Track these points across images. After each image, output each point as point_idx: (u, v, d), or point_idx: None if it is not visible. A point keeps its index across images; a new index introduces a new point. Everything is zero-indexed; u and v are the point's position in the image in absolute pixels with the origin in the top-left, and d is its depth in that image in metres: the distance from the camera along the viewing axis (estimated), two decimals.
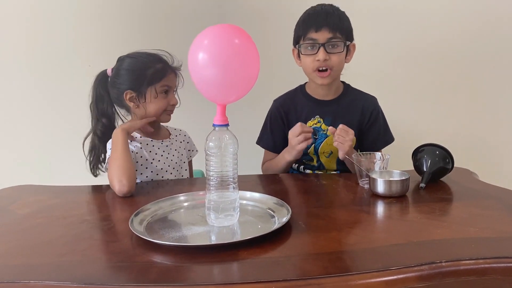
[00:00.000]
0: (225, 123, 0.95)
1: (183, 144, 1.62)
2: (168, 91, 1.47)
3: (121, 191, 1.24)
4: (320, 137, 1.57)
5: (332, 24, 1.45)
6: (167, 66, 1.46)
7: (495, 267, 0.76)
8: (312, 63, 1.49)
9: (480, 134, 2.30)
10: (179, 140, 1.60)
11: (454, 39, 2.20)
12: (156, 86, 1.43)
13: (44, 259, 0.84)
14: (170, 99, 1.47)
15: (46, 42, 2.09)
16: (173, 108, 1.50)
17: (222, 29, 0.93)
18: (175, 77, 1.49)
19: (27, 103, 2.13)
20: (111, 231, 0.99)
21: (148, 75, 1.42)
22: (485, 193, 1.18)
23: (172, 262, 0.81)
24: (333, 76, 1.52)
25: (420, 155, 1.32)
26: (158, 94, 1.44)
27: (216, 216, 0.97)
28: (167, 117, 1.51)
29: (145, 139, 1.50)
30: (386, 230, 0.96)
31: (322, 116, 1.59)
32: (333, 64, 1.48)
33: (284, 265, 0.77)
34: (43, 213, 1.12)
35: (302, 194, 1.28)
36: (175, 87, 1.50)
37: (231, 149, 0.96)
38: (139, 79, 1.43)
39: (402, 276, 0.73)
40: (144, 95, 1.44)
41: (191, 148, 1.67)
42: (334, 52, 1.47)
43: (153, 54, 1.48)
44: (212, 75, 0.91)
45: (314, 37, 1.47)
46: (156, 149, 1.50)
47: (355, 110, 1.59)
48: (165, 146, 1.53)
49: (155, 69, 1.43)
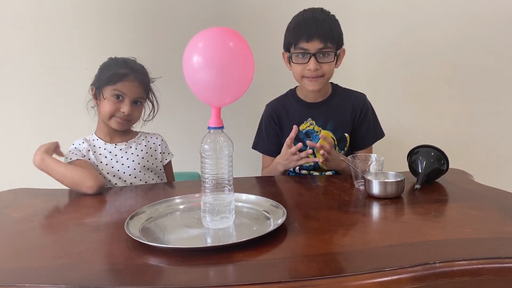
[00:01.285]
0: (220, 126, 0.95)
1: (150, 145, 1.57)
2: (121, 97, 1.45)
3: (94, 191, 1.29)
4: (314, 139, 1.58)
5: (323, 35, 1.46)
6: (130, 73, 1.46)
7: (489, 267, 0.76)
8: (302, 71, 1.51)
9: (475, 135, 2.31)
10: (142, 142, 1.56)
11: (448, 40, 2.21)
12: (108, 87, 1.45)
13: (39, 262, 0.84)
14: (121, 106, 1.46)
15: (44, 45, 2.09)
16: (124, 116, 1.46)
17: (216, 32, 0.93)
18: (137, 86, 1.47)
19: (23, 105, 2.13)
20: (106, 234, 0.99)
21: (107, 76, 1.45)
22: (480, 194, 1.19)
23: (167, 265, 0.81)
24: (324, 82, 1.54)
25: (415, 157, 1.32)
26: (108, 96, 1.45)
27: (211, 218, 0.97)
28: (116, 124, 1.48)
29: (100, 142, 1.51)
30: (381, 231, 0.96)
31: (314, 118, 1.60)
32: (324, 73, 1.51)
33: (279, 267, 0.78)
34: (38, 216, 1.12)
35: (297, 196, 1.29)
36: (133, 97, 1.47)
37: (226, 152, 0.96)
38: (100, 77, 1.48)
39: (396, 277, 0.73)
40: (100, 94, 1.47)
41: (164, 151, 1.61)
42: (325, 62, 1.49)
43: (125, 59, 1.51)
44: (206, 78, 0.92)
45: (305, 47, 1.48)
46: (107, 153, 1.50)
47: (345, 109, 1.62)
48: (119, 150, 1.52)
49: (115, 72, 1.45)
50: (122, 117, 1.47)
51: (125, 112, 1.45)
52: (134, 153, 1.53)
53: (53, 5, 2.06)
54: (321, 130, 1.59)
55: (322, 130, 1.59)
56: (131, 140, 1.55)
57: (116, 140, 1.54)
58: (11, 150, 2.15)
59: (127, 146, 1.53)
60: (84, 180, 1.29)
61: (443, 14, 2.19)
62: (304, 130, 1.60)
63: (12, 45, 2.08)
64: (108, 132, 1.53)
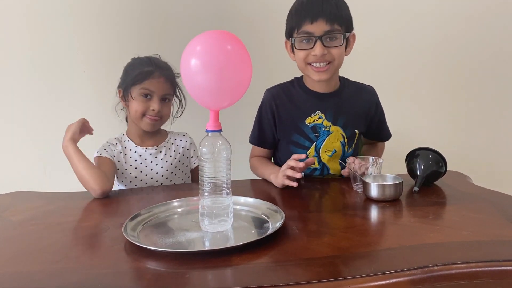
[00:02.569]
0: (218, 129, 0.95)
1: (181, 150, 1.58)
2: (150, 95, 1.46)
3: (97, 195, 1.29)
4: (322, 135, 1.46)
5: (329, 14, 1.29)
6: (155, 70, 1.46)
7: (487, 270, 0.76)
8: (307, 57, 1.35)
9: (473, 137, 2.31)
10: (172, 146, 1.57)
11: (451, 42, 2.22)
12: (136, 87, 1.44)
13: (37, 266, 0.83)
14: (150, 104, 1.45)
15: (42, 48, 2.09)
16: (155, 114, 1.46)
17: (214, 35, 0.93)
18: (164, 83, 1.47)
19: (22, 108, 2.12)
20: (104, 237, 0.99)
21: (133, 76, 1.44)
22: (478, 197, 1.19)
23: (165, 268, 0.80)
24: (333, 71, 1.38)
25: (413, 159, 1.32)
26: (136, 96, 1.44)
27: (209, 221, 0.97)
28: (147, 124, 1.48)
29: (131, 144, 1.51)
30: (379, 234, 0.96)
31: (324, 111, 1.45)
32: (333, 58, 1.34)
33: (277, 270, 0.77)
34: (37, 220, 1.11)
35: (295, 199, 1.28)
36: (161, 94, 1.47)
37: (224, 155, 0.96)
38: (126, 79, 1.47)
39: (394, 281, 0.73)
40: (128, 95, 1.46)
41: (193, 154, 1.63)
42: (333, 46, 1.33)
43: (149, 57, 1.50)
44: (204, 81, 0.91)
45: (310, 30, 1.31)
46: (137, 156, 1.50)
47: (357, 103, 1.49)
48: (149, 154, 1.51)
49: (140, 71, 1.44)
50: (153, 115, 1.46)
51: (155, 109, 1.45)
52: (164, 159, 1.53)
53: (51, 7, 2.06)
54: (330, 126, 1.45)
55: (332, 126, 1.45)
56: (161, 144, 1.55)
57: (147, 144, 1.53)
58: (8, 152, 2.14)
59: (157, 150, 1.53)
60: (90, 181, 1.29)
61: (442, 15, 2.20)
62: (311, 124, 1.45)
63: (9, 47, 2.07)
64: (138, 134, 1.53)
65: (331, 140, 1.47)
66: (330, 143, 1.47)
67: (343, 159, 1.45)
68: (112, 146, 1.48)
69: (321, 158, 1.48)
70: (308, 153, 1.47)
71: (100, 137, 1.51)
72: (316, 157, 1.47)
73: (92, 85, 2.06)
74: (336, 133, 1.46)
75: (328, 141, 1.46)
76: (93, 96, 2.06)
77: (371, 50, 2.20)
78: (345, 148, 1.49)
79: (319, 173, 1.50)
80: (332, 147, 1.47)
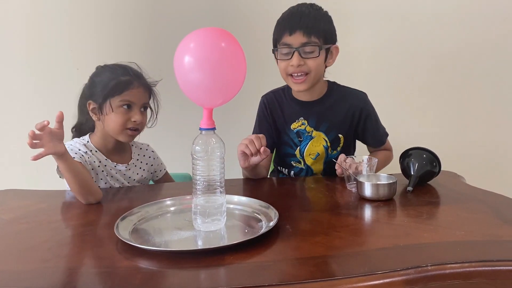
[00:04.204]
0: (212, 127, 0.95)
1: (146, 167, 1.54)
2: (130, 106, 1.38)
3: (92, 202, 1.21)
4: (305, 139, 1.53)
5: (306, 27, 1.36)
6: (134, 80, 1.38)
7: (480, 270, 0.76)
8: (286, 68, 1.41)
9: (467, 137, 2.32)
10: (139, 164, 1.52)
11: (445, 43, 2.22)
12: (115, 99, 1.35)
13: (27, 265, 0.82)
14: (131, 115, 1.37)
15: (35, 45, 2.07)
16: (136, 125, 1.39)
17: (208, 32, 0.93)
18: (143, 92, 1.40)
19: (12, 105, 2.11)
20: (96, 236, 0.98)
21: (109, 87, 1.35)
22: (472, 197, 1.19)
23: (157, 268, 0.80)
24: (310, 82, 1.43)
25: (407, 159, 1.32)
26: (116, 108, 1.35)
27: (202, 220, 0.96)
28: (126, 137, 1.40)
29: (100, 156, 1.41)
30: (373, 234, 0.96)
31: (306, 118, 1.52)
32: (310, 69, 1.40)
33: (271, 269, 0.77)
34: (28, 218, 1.10)
35: (289, 198, 1.28)
36: (141, 104, 1.40)
37: (218, 153, 0.95)
38: (100, 90, 1.37)
39: (388, 280, 0.73)
40: (104, 108, 1.36)
41: (156, 168, 1.59)
42: (309, 57, 1.39)
43: (124, 66, 1.41)
44: (198, 79, 0.91)
45: (288, 42, 1.38)
46: (113, 172, 1.43)
47: (341, 109, 1.52)
48: (118, 170, 1.45)
49: (118, 81, 1.36)
50: (133, 127, 1.39)
51: (137, 120, 1.37)
52: (132, 177, 1.48)
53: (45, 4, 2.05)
54: (313, 131, 1.52)
55: (314, 131, 1.52)
56: (131, 162, 1.49)
57: (116, 159, 1.45)
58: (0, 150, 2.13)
59: (126, 168, 1.46)
60: (84, 198, 1.20)
61: (435, 17, 2.20)
62: (295, 129, 1.53)
63: (2, 44, 2.06)
64: (108, 148, 1.44)
65: (314, 144, 1.53)
66: (313, 147, 1.53)
67: (327, 160, 1.54)
68: (82, 152, 1.37)
69: (305, 161, 1.55)
70: (295, 153, 1.55)
71: None
72: (301, 159, 1.55)
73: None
74: (319, 138, 1.53)
75: (311, 145, 1.53)
76: None
77: (365, 52, 2.21)
78: (329, 151, 1.54)
79: (304, 172, 1.57)
80: (315, 150, 1.53)
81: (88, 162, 1.36)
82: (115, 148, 1.45)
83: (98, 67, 1.44)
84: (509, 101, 2.29)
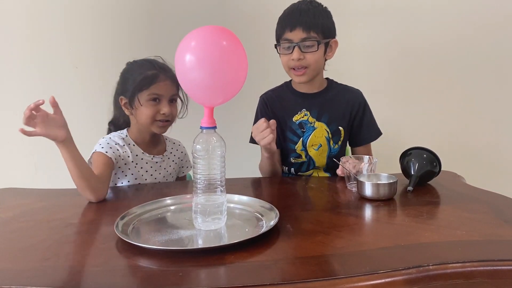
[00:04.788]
0: (213, 126, 0.94)
1: (177, 160, 1.59)
2: (158, 99, 1.42)
3: (91, 200, 1.21)
4: (308, 130, 1.57)
5: (305, 23, 1.44)
6: (160, 73, 1.42)
7: (482, 270, 0.76)
8: (288, 62, 1.50)
9: (467, 137, 2.32)
10: (172, 157, 1.57)
11: (444, 42, 2.22)
12: (143, 93, 1.41)
13: (27, 263, 0.82)
14: (160, 107, 1.42)
15: (34, 44, 2.07)
16: (165, 117, 1.44)
17: (209, 31, 0.92)
18: (170, 85, 1.44)
19: (11, 103, 2.10)
20: (96, 234, 0.97)
21: (137, 81, 1.40)
22: (472, 197, 1.19)
23: (157, 267, 0.79)
24: (310, 74, 1.51)
25: (407, 159, 1.32)
26: (145, 102, 1.41)
27: (203, 219, 0.96)
28: (158, 128, 1.46)
29: (137, 149, 1.47)
30: (373, 233, 0.96)
31: (309, 109, 1.58)
32: (309, 63, 1.48)
33: (271, 269, 0.77)
34: (27, 217, 1.10)
35: (290, 197, 1.28)
36: (169, 96, 1.44)
37: (218, 152, 0.95)
38: (129, 86, 1.42)
39: (389, 280, 0.73)
40: (134, 102, 1.42)
41: (184, 164, 1.64)
42: (308, 52, 1.46)
43: (149, 60, 1.47)
44: (199, 78, 0.91)
45: (289, 37, 1.47)
46: (144, 163, 1.48)
47: (341, 103, 1.59)
48: (155, 162, 1.51)
49: (144, 76, 1.41)
50: (163, 119, 1.44)
51: (166, 112, 1.42)
52: (166, 168, 1.54)
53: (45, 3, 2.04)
54: (315, 122, 1.56)
55: (316, 122, 1.56)
56: (165, 153, 1.55)
57: (153, 151, 1.52)
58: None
59: (162, 159, 1.53)
60: (85, 192, 1.20)
61: (434, 15, 2.20)
62: (297, 120, 1.57)
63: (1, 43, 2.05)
64: (145, 141, 1.50)
65: (316, 135, 1.58)
66: (316, 138, 1.57)
67: (330, 155, 1.58)
68: (118, 146, 1.43)
69: (308, 152, 1.59)
70: (296, 148, 1.59)
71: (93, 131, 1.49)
72: (303, 151, 1.59)
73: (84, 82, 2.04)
74: (321, 129, 1.57)
75: (313, 136, 1.57)
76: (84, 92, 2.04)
77: (364, 51, 2.21)
78: (331, 144, 1.58)
79: (306, 166, 1.61)
80: (318, 141, 1.58)
81: (121, 157, 1.43)
82: (151, 140, 1.52)
83: (127, 63, 1.50)
84: (509, 101, 2.29)
